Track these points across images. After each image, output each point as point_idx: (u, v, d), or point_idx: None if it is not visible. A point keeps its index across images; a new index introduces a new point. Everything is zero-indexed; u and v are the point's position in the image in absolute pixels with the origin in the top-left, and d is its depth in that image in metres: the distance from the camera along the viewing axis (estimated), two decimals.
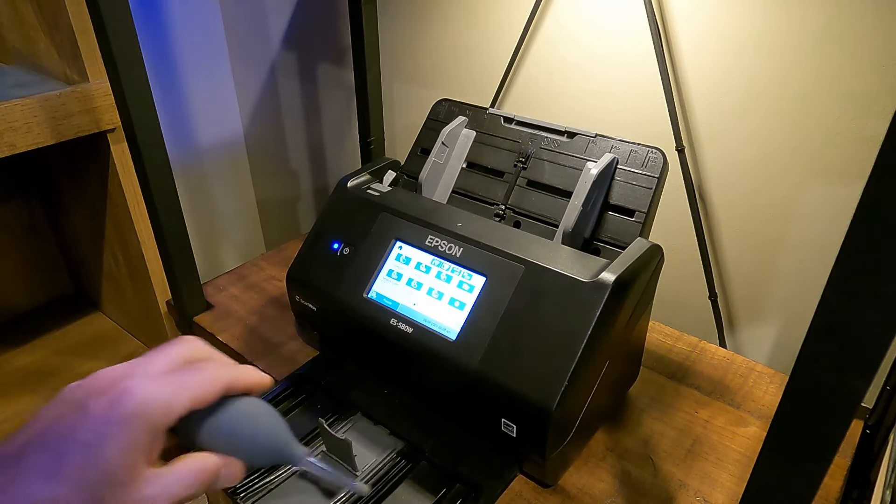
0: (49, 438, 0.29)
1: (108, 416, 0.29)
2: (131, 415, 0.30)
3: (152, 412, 0.30)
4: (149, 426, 0.30)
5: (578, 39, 0.74)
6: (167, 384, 0.32)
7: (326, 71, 1.06)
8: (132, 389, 0.30)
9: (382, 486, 0.52)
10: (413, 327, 0.55)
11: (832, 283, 0.24)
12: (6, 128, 0.65)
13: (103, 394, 0.30)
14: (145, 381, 0.31)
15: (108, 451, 0.29)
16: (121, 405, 0.30)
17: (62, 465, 0.28)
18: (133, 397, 0.30)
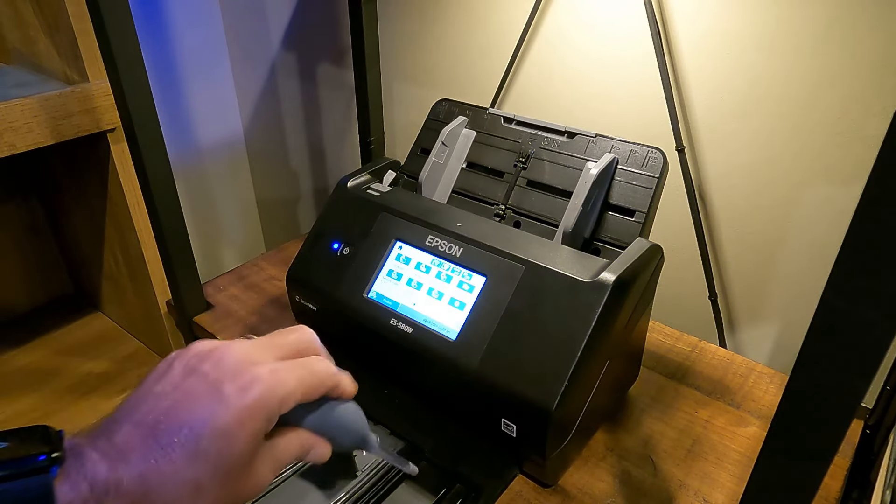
0: (190, 417, 0.31)
1: (242, 403, 0.32)
2: (260, 405, 0.33)
3: (276, 403, 0.34)
4: (272, 414, 0.34)
5: (578, 39, 0.74)
6: (288, 377, 0.35)
7: (326, 71, 1.06)
8: (262, 379, 0.33)
9: (382, 486, 0.52)
10: (413, 327, 0.55)
11: (832, 283, 0.24)
12: (6, 128, 0.65)
13: (235, 379, 0.33)
14: (273, 372, 0.34)
15: (239, 435, 0.32)
16: (251, 394, 0.32)
17: (203, 447, 0.31)
18: (262, 387, 0.33)
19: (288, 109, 1.17)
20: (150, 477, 0.30)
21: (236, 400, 0.32)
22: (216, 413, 0.32)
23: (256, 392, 0.33)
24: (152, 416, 0.32)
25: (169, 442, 0.31)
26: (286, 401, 0.35)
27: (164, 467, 0.30)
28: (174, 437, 0.31)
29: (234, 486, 0.32)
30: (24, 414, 0.80)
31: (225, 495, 0.32)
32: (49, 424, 0.31)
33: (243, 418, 0.32)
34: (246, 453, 0.33)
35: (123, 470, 0.30)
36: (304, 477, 0.53)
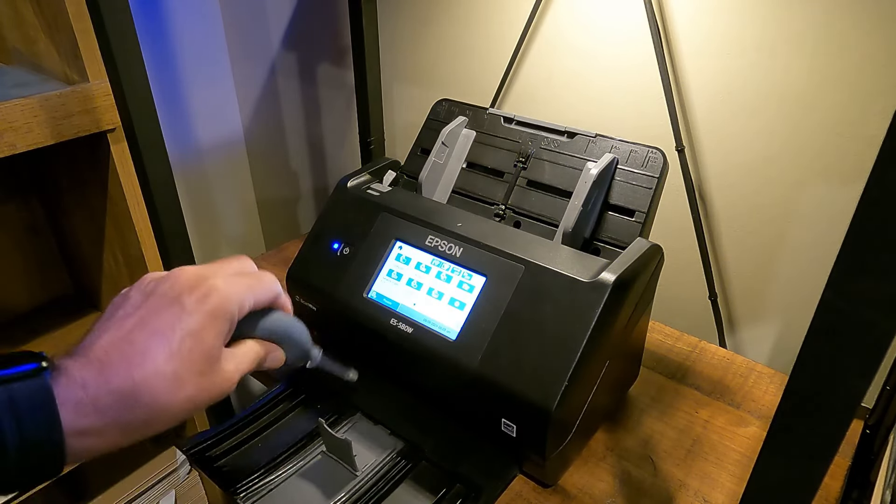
0: (159, 326, 0.35)
1: (204, 309, 0.36)
2: (219, 309, 0.37)
3: (232, 306, 0.38)
4: (230, 316, 0.38)
5: (578, 40, 0.74)
6: (240, 286, 0.39)
7: (326, 71, 1.06)
8: (218, 287, 0.37)
9: (382, 486, 0.52)
10: (413, 327, 0.55)
11: (832, 283, 0.24)
12: (6, 128, 0.65)
13: (193, 290, 0.37)
14: (225, 282, 0.38)
15: (207, 335, 0.36)
16: (210, 301, 0.37)
17: (176, 347, 0.35)
18: (219, 294, 0.37)
19: (288, 109, 1.17)
20: (135, 374, 0.34)
21: (199, 306, 0.36)
22: (182, 319, 0.36)
23: (215, 299, 0.37)
24: (123, 332, 0.35)
25: (145, 347, 0.34)
26: (242, 305, 0.39)
27: (146, 365, 0.34)
28: (149, 343, 0.35)
29: (207, 381, 0.36)
30: None
31: (201, 388, 0.36)
32: None
33: (206, 322, 0.36)
34: (214, 350, 0.37)
35: (110, 373, 0.33)
36: (304, 477, 0.53)
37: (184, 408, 0.35)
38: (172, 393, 0.35)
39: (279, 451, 0.55)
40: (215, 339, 0.37)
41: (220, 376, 0.37)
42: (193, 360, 0.35)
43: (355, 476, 0.53)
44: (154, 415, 0.35)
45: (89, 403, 0.32)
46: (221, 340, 0.37)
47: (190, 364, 0.35)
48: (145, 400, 0.34)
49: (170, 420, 0.35)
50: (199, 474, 1.04)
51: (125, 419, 0.34)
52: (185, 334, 0.35)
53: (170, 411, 0.35)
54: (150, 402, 0.34)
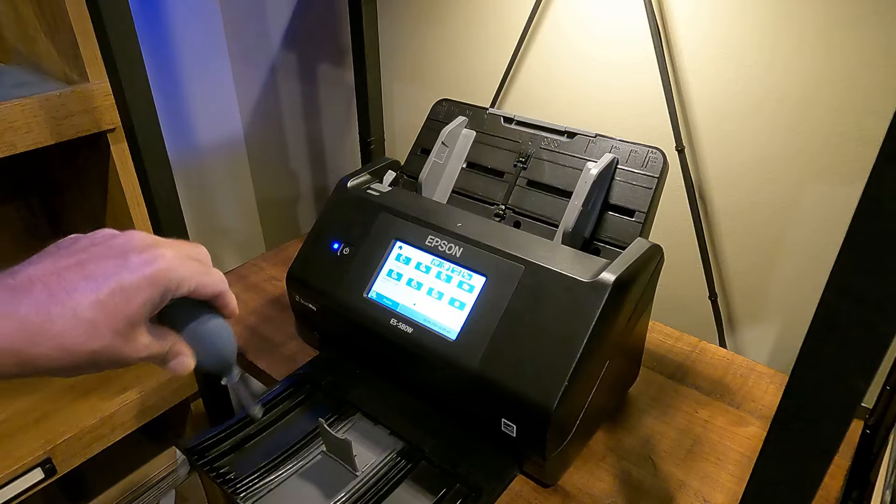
0: (96, 272, 0.35)
1: (143, 271, 0.36)
2: (159, 277, 0.37)
3: (172, 281, 0.37)
4: (165, 289, 0.37)
5: (578, 39, 0.74)
6: (188, 266, 0.39)
7: (326, 71, 1.06)
8: (166, 257, 0.37)
9: (382, 486, 0.52)
10: (413, 327, 0.55)
11: (832, 283, 0.24)
12: (6, 128, 0.65)
13: (142, 252, 0.37)
14: (175, 256, 0.38)
15: (137, 297, 0.36)
16: (154, 266, 0.37)
17: (104, 297, 0.34)
18: (165, 263, 0.37)
19: (288, 109, 1.17)
20: (52, 309, 0.33)
21: (140, 267, 0.36)
22: (120, 273, 0.35)
23: (159, 265, 0.37)
24: (56, 267, 0.35)
25: (73, 286, 0.34)
26: (181, 284, 0.38)
27: (67, 303, 0.33)
28: (79, 284, 0.34)
29: (119, 342, 0.36)
30: (24, 414, 0.80)
31: (110, 347, 0.35)
32: (49, 425, 0.33)
33: (143, 284, 0.36)
34: (137, 315, 0.36)
35: (26, 300, 0.33)
36: (304, 477, 0.53)
37: (85, 359, 0.35)
38: (82, 340, 0.34)
39: (279, 451, 0.55)
40: (142, 306, 0.36)
41: (131, 344, 0.37)
42: (116, 316, 0.35)
43: (355, 476, 0.53)
44: (54, 356, 0.33)
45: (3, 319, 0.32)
46: (149, 309, 0.37)
47: (110, 319, 0.35)
48: (51, 336, 0.33)
49: (65, 367, 0.34)
50: (199, 474, 1.04)
51: (24, 351, 0.33)
52: (118, 288, 0.35)
53: (71, 358, 0.34)
54: (56, 343, 0.33)
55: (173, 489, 1.03)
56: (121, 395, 0.84)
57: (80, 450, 0.80)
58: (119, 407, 0.83)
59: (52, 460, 0.76)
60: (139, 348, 0.37)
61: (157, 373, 0.88)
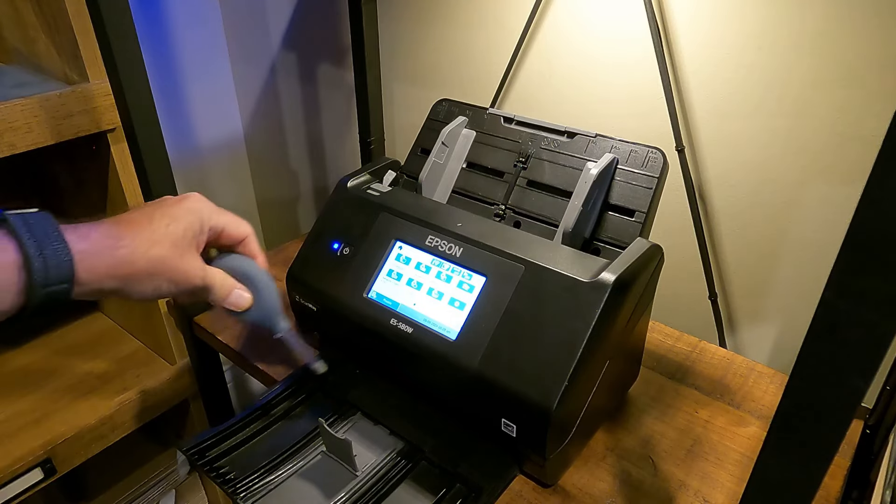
0: (146, 211, 0.46)
1: (180, 203, 0.48)
2: (192, 206, 0.48)
3: (203, 210, 0.49)
4: (200, 216, 0.48)
5: (578, 39, 0.74)
6: (214, 207, 0.51)
7: (326, 71, 1.06)
8: (193, 196, 0.50)
9: (382, 486, 0.52)
10: (413, 327, 0.55)
11: (832, 283, 0.24)
12: (6, 128, 0.65)
13: (175, 200, 0.49)
14: (202, 198, 0.50)
15: (180, 224, 0.46)
16: (187, 200, 0.49)
17: (157, 219, 0.46)
18: (193, 199, 0.49)
19: (288, 109, 1.17)
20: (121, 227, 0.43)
21: (177, 202, 0.48)
22: (163, 208, 0.47)
23: (192, 200, 0.49)
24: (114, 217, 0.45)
25: (132, 217, 0.45)
26: (212, 215, 0.50)
27: (131, 224, 0.44)
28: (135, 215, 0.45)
29: (177, 254, 0.45)
30: (24, 414, 0.80)
31: (170, 257, 0.45)
32: (49, 425, 0.36)
33: (181, 213, 0.47)
34: (183, 238, 0.46)
35: (101, 224, 0.43)
36: (304, 477, 0.53)
37: (155, 265, 0.44)
38: (150, 246, 0.44)
39: (279, 451, 0.55)
40: (186, 230, 0.46)
41: (188, 261, 0.46)
42: (169, 230, 0.45)
43: (355, 476, 0.53)
44: (134, 258, 0.43)
45: (84, 235, 0.41)
46: (191, 234, 0.47)
47: (165, 231, 0.45)
48: (128, 244, 0.43)
49: (144, 270, 0.44)
50: (199, 474, 1.05)
51: (114, 254, 0.42)
52: (165, 214, 0.46)
53: (146, 261, 0.44)
54: (132, 247, 0.43)
55: (173, 489, 1.03)
56: (121, 395, 0.84)
57: (80, 450, 0.80)
58: (119, 407, 0.83)
59: (52, 460, 0.76)
60: (195, 267, 0.47)
61: (156, 372, 0.88)
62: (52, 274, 0.38)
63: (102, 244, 0.42)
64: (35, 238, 0.37)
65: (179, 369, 0.89)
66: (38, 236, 0.38)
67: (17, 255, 0.37)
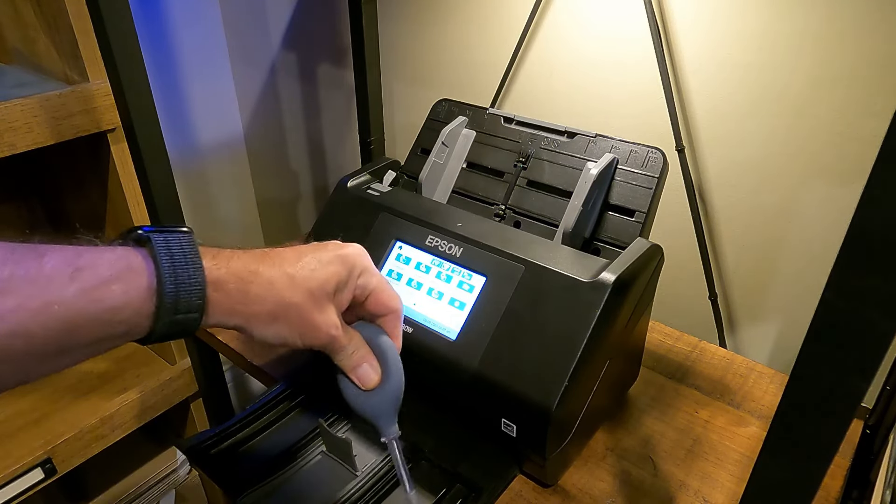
0: (301, 250, 0.42)
1: (336, 251, 0.43)
2: (347, 256, 0.43)
3: (357, 265, 0.43)
4: (351, 268, 0.43)
5: (578, 39, 0.74)
6: (371, 266, 0.45)
7: (326, 71, 1.06)
8: (354, 248, 0.44)
9: (382, 486, 0.52)
10: (413, 327, 0.55)
11: (832, 283, 0.24)
12: (6, 128, 0.65)
13: (339, 245, 0.44)
14: (363, 252, 0.45)
15: (328, 267, 0.42)
16: (345, 249, 0.44)
17: (303, 263, 0.41)
18: (354, 249, 0.44)
19: (288, 109, 1.17)
20: (265, 262, 0.40)
21: (334, 249, 0.43)
22: (318, 252, 0.43)
23: (349, 250, 0.44)
24: (272, 250, 0.42)
25: (280, 253, 0.42)
26: (365, 271, 0.44)
27: (275, 261, 0.41)
28: (285, 255, 0.41)
29: (311, 304, 0.41)
30: (24, 414, 0.80)
31: (304, 305, 0.41)
32: (49, 425, 0.34)
33: (334, 259, 0.42)
34: (326, 285, 0.42)
35: (246, 254, 0.40)
36: (304, 477, 0.53)
37: (285, 310, 0.40)
38: (284, 289, 0.40)
39: (279, 451, 0.55)
40: (332, 274, 0.42)
41: (322, 313, 0.42)
42: (310, 278, 0.41)
43: (355, 476, 0.53)
44: (265, 296, 0.39)
45: (224, 262, 0.38)
46: (333, 285, 0.42)
47: (305, 277, 0.41)
48: (264, 281, 0.39)
49: (272, 312, 0.40)
50: (199, 474, 1.04)
51: (246, 288, 0.39)
52: (314, 257, 0.42)
53: (276, 302, 0.40)
54: (267, 286, 0.39)
55: (173, 489, 1.03)
56: (121, 395, 0.84)
57: (80, 450, 0.80)
58: (119, 407, 0.83)
59: (52, 460, 0.76)
60: (329, 321, 0.42)
61: (156, 372, 0.88)
62: (182, 304, 0.36)
63: (238, 276, 0.39)
64: (172, 262, 0.35)
65: (179, 369, 0.89)
66: (176, 260, 0.36)
67: (151, 279, 0.35)
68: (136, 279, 0.34)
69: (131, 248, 0.35)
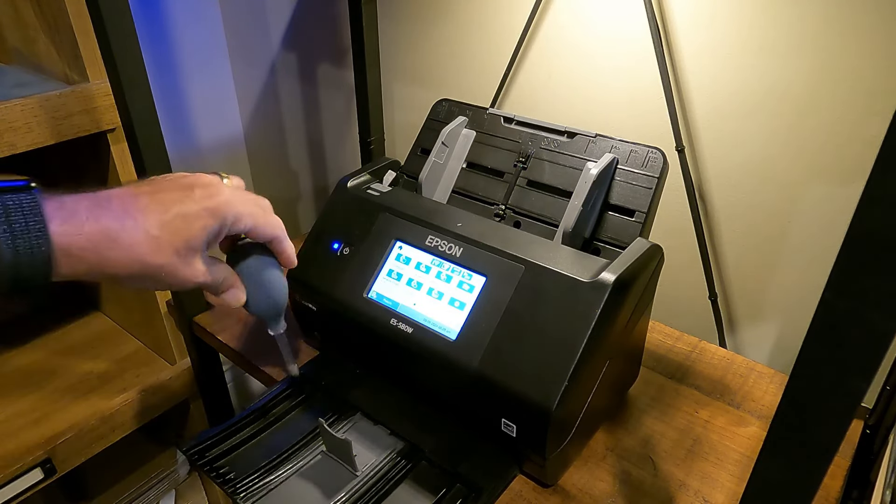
0: (164, 199, 0.41)
1: (205, 203, 0.42)
2: (218, 208, 0.42)
3: (229, 214, 0.43)
4: (223, 221, 0.43)
5: (578, 39, 0.74)
6: (247, 206, 0.45)
7: (326, 71, 1.06)
8: (224, 193, 0.43)
9: (382, 486, 0.52)
10: (413, 327, 0.55)
11: (832, 283, 0.24)
12: (6, 128, 0.65)
13: (206, 188, 0.43)
14: (235, 195, 0.44)
15: (197, 223, 0.41)
16: (213, 199, 0.42)
17: (168, 219, 0.40)
18: (222, 198, 0.43)
19: (288, 109, 1.17)
20: (126, 222, 0.38)
21: (202, 200, 0.42)
22: (184, 202, 0.41)
23: (219, 200, 0.42)
24: (132, 194, 0.40)
25: (145, 208, 0.40)
26: (238, 219, 0.44)
27: (138, 220, 0.39)
28: (150, 206, 0.40)
29: (179, 262, 0.41)
30: (24, 414, 0.80)
31: (170, 264, 0.41)
32: (49, 425, 0.35)
33: (202, 214, 0.42)
34: (195, 240, 0.41)
35: (106, 213, 0.38)
36: (304, 477, 0.53)
37: (148, 271, 0.40)
38: (148, 253, 0.39)
39: (279, 451, 0.55)
40: (200, 231, 0.42)
41: (189, 267, 0.42)
42: (176, 237, 0.40)
43: (355, 476, 0.53)
44: (123, 262, 0.39)
45: (76, 228, 0.37)
46: (205, 235, 0.42)
47: (172, 238, 0.40)
48: (125, 246, 0.38)
49: (131, 275, 0.40)
50: (199, 474, 1.04)
51: (104, 254, 0.38)
52: (180, 214, 0.41)
53: (139, 267, 0.40)
54: (128, 250, 0.39)
55: (173, 489, 1.03)
56: (121, 395, 0.84)
57: (80, 450, 0.80)
58: (119, 407, 0.83)
59: (52, 460, 0.76)
60: (196, 272, 0.43)
61: (156, 372, 0.88)
62: (24, 270, 0.35)
63: (93, 241, 0.37)
64: (10, 228, 0.34)
65: (179, 369, 0.89)
66: (15, 228, 0.34)
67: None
68: None
69: None
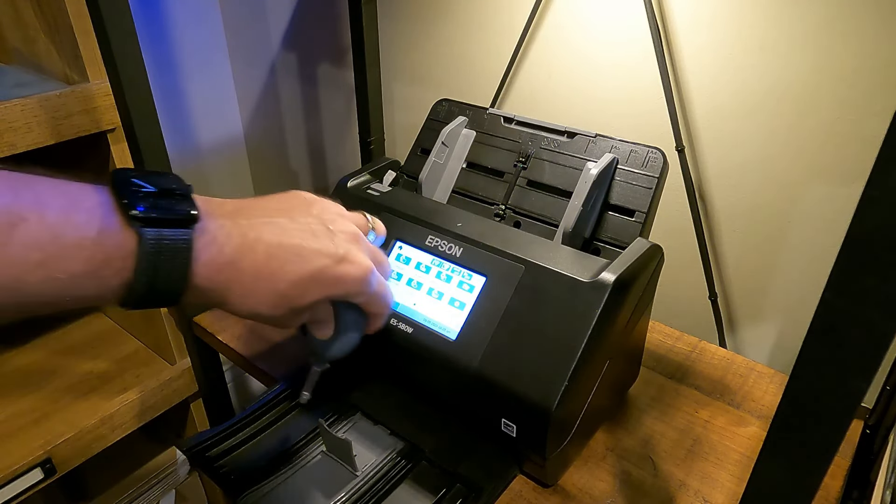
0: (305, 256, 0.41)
1: (342, 270, 0.43)
2: (350, 285, 0.44)
3: (352, 292, 0.45)
4: (346, 293, 0.44)
5: (578, 39, 0.74)
6: (375, 284, 0.45)
7: (326, 71, 1.06)
8: (364, 267, 0.44)
9: (382, 486, 0.52)
10: (413, 327, 0.55)
11: (832, 283, 0.24)
12: (6, 128, 0.65)
13: (353, 257, 0.44)
14: (374, 271, 0.45)
15: (324, 290, 0.43)
16: (351, 274, 0.43)
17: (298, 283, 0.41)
18: (360, 273, 0.44)
19: (288, 109, 1.17)
20: (259, 284, 0.39)
21: (342, 268, 0.42)
22: (325, 269, 0.41)
23: (356, 275, 0.43)
24: (276, 237, 0.41)
25: (283, 262, 0.40)
26: (358, 296, 0.45)
27: (272, 280, 0.39)
28: (287, 262, 0.40)
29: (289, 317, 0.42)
30: (24, 414, 0.80)
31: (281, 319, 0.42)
32: (49, 425, 0.34)
33: (334, 283, 0.42)
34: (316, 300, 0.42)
35: (247, 257, 0.38)
36: (304, 477, 0.53)
37: (260, 320, 0.41)
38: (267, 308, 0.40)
39: (279, 451, 0.55)
40: (323, 297, 0.43)
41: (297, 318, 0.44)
42: (299, 301, 0.41)
43: (355, 476, 0.53)
44: (240, 310, 0.40)
45: (215, 271, 0.37)
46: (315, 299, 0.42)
47: (295, 302, 0.41)
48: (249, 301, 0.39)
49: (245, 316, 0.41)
50: (199, 474, 1.04)
51: (224, 297, 0.39)
52: (315, 278, 0.41)
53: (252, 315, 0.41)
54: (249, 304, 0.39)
55: (173, 489, 1.03)
56: (121, 395, 0.84)
57: (80, 450, 0.80)
58: (119, 407, 0.83)
59: (52, 460, 0.76)
60: (300, 319, 0.44)
61: (156, 372, 0.88)
62: (150, 302, 0.34)
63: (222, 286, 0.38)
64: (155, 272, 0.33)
65: (179, 369, 0.89)
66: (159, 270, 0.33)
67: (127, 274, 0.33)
68: (110, 279, 0.33)
69: (116, 225, 0.33)
